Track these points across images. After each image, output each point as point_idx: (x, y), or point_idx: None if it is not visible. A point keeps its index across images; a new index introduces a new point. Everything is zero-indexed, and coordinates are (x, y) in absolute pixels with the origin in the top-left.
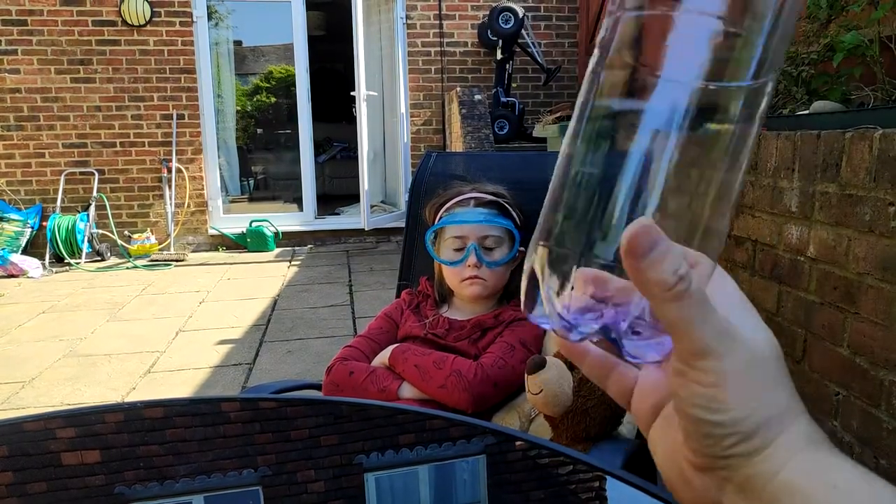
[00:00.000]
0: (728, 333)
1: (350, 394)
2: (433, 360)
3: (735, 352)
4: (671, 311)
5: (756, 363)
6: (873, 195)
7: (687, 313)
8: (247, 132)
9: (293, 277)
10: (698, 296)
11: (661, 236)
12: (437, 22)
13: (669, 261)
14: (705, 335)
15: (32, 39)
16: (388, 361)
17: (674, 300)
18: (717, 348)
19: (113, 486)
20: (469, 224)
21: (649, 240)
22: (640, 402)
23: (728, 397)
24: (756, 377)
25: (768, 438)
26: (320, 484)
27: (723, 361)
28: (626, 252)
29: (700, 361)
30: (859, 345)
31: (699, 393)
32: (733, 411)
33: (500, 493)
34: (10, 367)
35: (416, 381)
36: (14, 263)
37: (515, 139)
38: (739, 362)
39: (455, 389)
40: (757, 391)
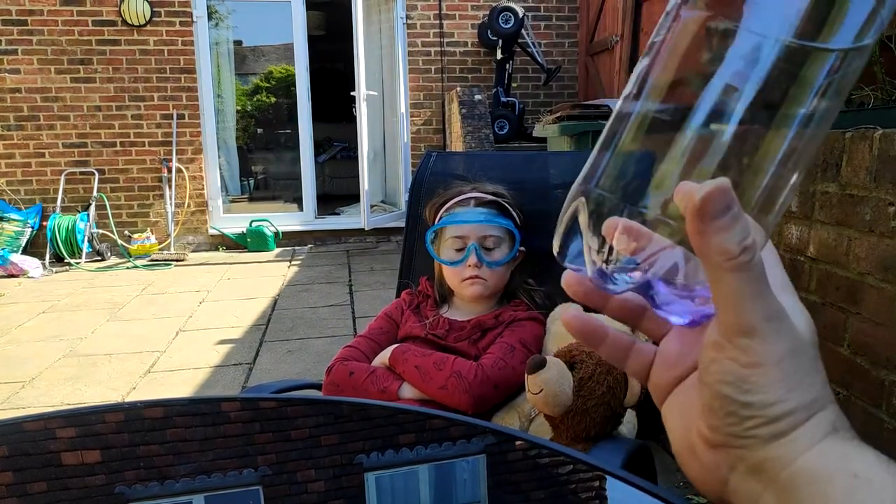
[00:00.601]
0: (778, 316)
1: (350, 394)
2: (433, 361)
3: (781, 337)
4: (727, 282)
5: (796, 351)
6: (874, 195)
7: (743, 287)
8: (247, 132)
9: (293, 277)
10: (758, 271)
11: (735, 201)
12: (437, 22)
13: (738, 229)
14: (756, 314)
15: (32, 39)
16: (389, 362)
17: (733, 270)
18: (764, 330)
19: (113, 486)
20: (469, 224)
21: (725, 202)
22: (659, 375)
23: (762, 381)
24: (794, 366)
25: (793, 425)
26: (320, 484)
27: (766, 344)
28: (697, 211)
29: (743, 339)
30: (860, 345)
31: (732, 371)
32: (764, 395)
33: (500, 493)
34: (10, 367)
35: (416, 381)
36: (14, 263)
37: (515, 139)
38: (782, 349)
39: (455, 391)
40: (792, 379)
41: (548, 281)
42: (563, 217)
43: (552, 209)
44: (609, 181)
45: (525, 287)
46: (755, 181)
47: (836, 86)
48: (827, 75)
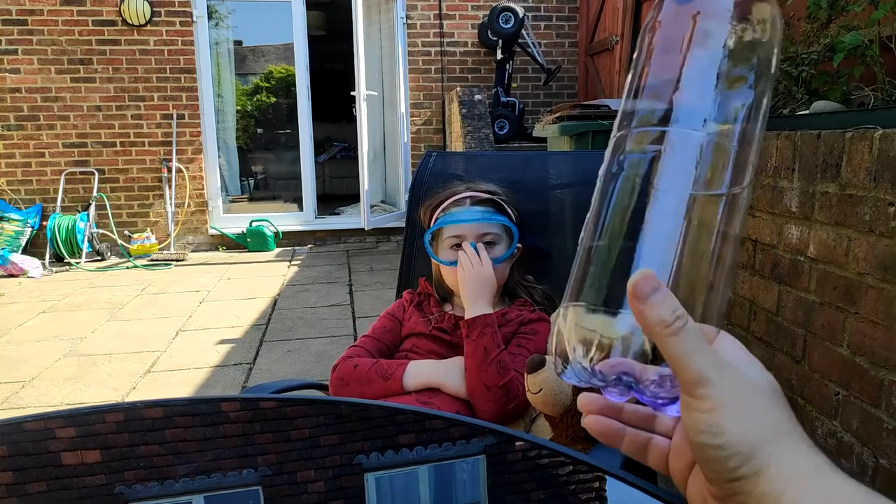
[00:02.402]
0: (721, 365)
1: (355, 387)
2: (500, 360)
3: (728, 379)
4: (671, 345)
5: (749, 391)
6: (873, 195)
7: (685, 346)
8: (247, 132)
9: (293, 277)
10: (693, 332)
11: (660, 283)
12: (437, 22)
13: (668, 303)
14: (701, 365)
15: (32, 39)
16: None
17: (672, 335)
18: (711, 376)
19: (113, 486)
20: (466, 223)
21: (650, 285)
22: (675, 463)
23: (724, 420)
24: (749, 403)
25: (767, 458)
26: (320, 484)
27: (717, 388)
28: (631, 295)
29: (698, 389)
30: (859, 345)
31: (700, 419)
32: (729, 433)
33: (500, 493)
34: (10, 367)
35: (476, 360)
36: (14, 263)
37: (515, 139)
38: (732, 388)
39: (493, 400)
40: (750, 415)
41: (546, 279)
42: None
43: (552, 209)
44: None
45: (524, 284)
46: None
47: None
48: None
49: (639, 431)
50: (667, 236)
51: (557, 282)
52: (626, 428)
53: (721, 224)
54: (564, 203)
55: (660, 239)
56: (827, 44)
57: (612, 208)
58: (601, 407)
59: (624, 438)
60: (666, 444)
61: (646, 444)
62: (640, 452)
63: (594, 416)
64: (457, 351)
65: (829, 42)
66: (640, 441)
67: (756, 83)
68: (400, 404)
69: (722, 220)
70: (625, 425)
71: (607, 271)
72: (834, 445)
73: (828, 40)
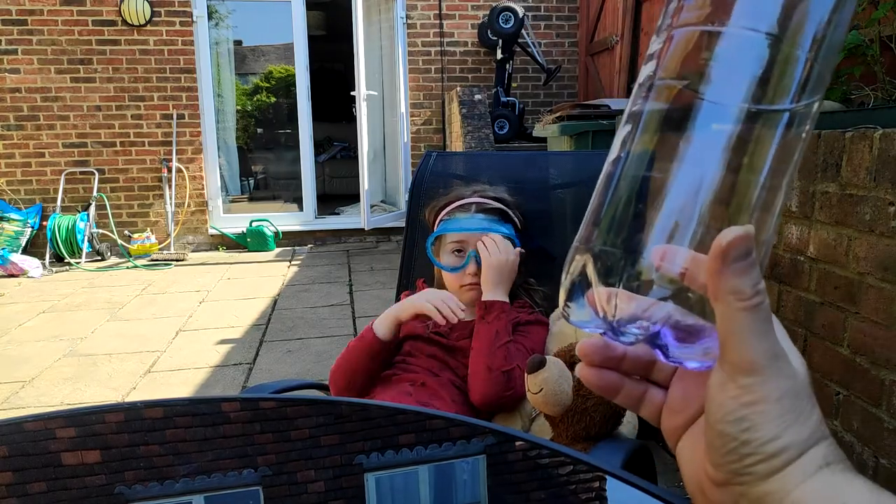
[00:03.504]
0: (780, 356)
1: (343, 365)
2: (508, 347)
3: (780, 377)
4: (738, 321)
5: (794, 391)
6: (873, 195)
7: (752, 327)
8: (247, 132)
9: (293, 277)
10: (766, 314)
11: (753, 248)
12: (437, 21)
13: (753, 274)
14: (761, 353)
15: (32, 39)
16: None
17: (745, 311)
18: (766, 368)
19: (113, 486)
20: (469, 231)
21: (746, 248)
22: (669, 419)
23: (761, 419)
24: (791, 404)
25: (787, 461)
26: (320, 484)
27: (768, 382)
28: (720, 254)
29: (745, 378)
30: (860, 344)
31: (733, 409)
32: (762, 432)
33: (500, 493)
34: (10, 367)
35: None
36: (14, 263)
37: (515, 139)
38: (782, 388)
39: (493, 383)
40: (788, 417)
41: (547, 281)
42: (567, 275)
43: (552, 209)
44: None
45: (525, 287)
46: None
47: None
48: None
49: (636, 383)
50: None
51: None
52: (624, 381)
53: (776, 152)
54: (565, 203)
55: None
56: None
57: (642, 128)
58: (604, 358)
59: (620, 390)
60: (661, 397)
61: (641, 396)
62: (634, 405)
63: (593, 370)
64: (455, 354)
65: None
66: (636, 394)
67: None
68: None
69: (779, 148)
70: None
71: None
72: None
73: None
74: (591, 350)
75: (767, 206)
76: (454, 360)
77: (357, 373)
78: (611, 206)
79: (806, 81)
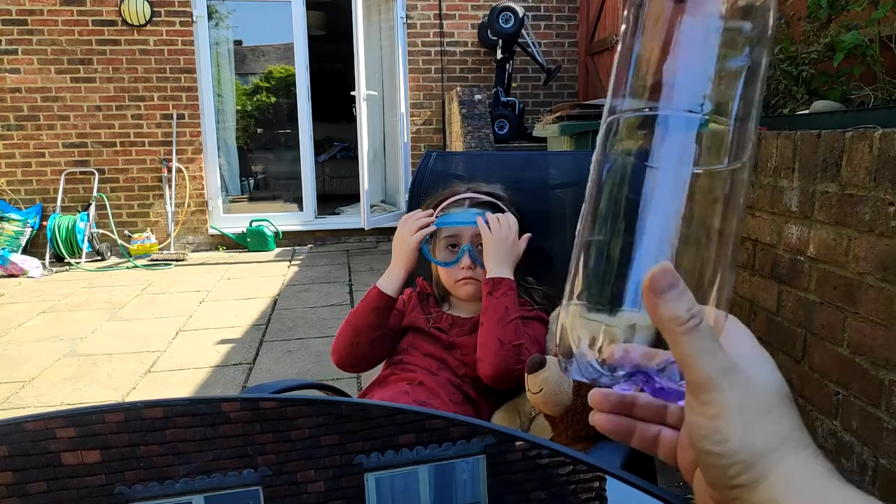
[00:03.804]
0: (731, 370)
1: (345, 328)
2: (518, 323)
3: (736, 386)
4: (682, 344)
5: (755, 397)
6: (873, 195)
7: (696, 347)
8: (247, 132)
9: (293, 277)
10: (707, 332)
11: (678, 279)
12: (437, 21)
13: (684, 300)
14: (710, 368)
15: (32, 39)
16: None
17: (685, 334)
18: (719, 381)
19: (113, 487)
20: (461, 225)
21: (668, 280)
22: (682, 457)
23: (727, 428)
24: (754, 411)
25: (768, 468)
26: (320, 484)
27: (724, 394)
28: (647, 289)
29: (704, 394)
30: (859, 344)
31: (703, 425)
32: (731, 442)
33: (500, 493)
34: (10, 366)
35: (496, 315)
36: (14, 263)
37: (515, 139)
38: (739, 396)
39: (504, 356)
40: (754, 423)
41: (546, 280)
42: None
43: (552, 209)
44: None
45: (524, 285)
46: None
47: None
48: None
49: (648, 425)
50: (668, 218)
51: (558, 283)
52: (636, 423)
53: (724, 201)
54: (565, 203)
55: (661, 222)
56: (827, 43)
57: (607, 198)
58: (614, 404)
59: (634, 433)
60: (675, 437)
61: (655, 437)
62: (650, 446)
63: (604, 416)
64: (453, 351)
65: (829, 41)
66: (650, 435)
67: (751, 51)
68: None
69: (724, 198)
70: (634, 420)
71: (608, 265)
72: (834, 445)
73: (828, 40)
74: (600, 398)
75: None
76: (453, 359)
77: (361, 332)
78: (586, 266)
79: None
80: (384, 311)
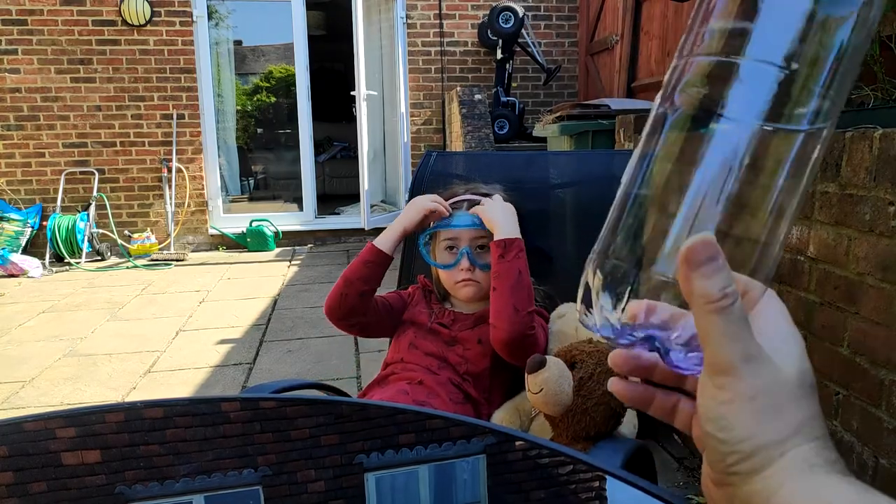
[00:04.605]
0: (754, 357)
1: (339, 280)
2: (530, 286)
3: (756, 376)
4: (709, 323)
5: (773, 389)
6: (873, 195)
7: (722, 329)
8: (247, 132)
9: (293, 277)
10: (737, 315)
11: (718, 252)
12: (437, 21)
13: (719, 277)
14: (734, 353)
15: (32, 39)
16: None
17: (714, 313)
18: (740, 369)
19: (113, 486)
20: (459, 228)
21: (707, 253)
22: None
23: (736, 417)
24: (767, 403)
25: (767, 460)
26: (320, 484)
27: (742, 383)
28: (683, 260)
29: (721, 378)
30: (859, 344)
31: (712, 407)
32: (736, 431)
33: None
34: (10, 366)
35: (508, 280)
36: (14, 263)
37: (515, 139)
38: (756, 386)
39: (519, 323)
40: (764, 415)
41: (546, 280)
42: (583, 281)
43: (551, 209)
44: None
45: None
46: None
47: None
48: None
49: (667, 394)
50: (724, 178)
51: (558, 283)
52: (656, 391)
53: (789, 168)
54: (565, 203)
55: (715, 181)
56: None
57: (661, 149)
58: (633, 367)
59: (652, 402)
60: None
61: (673, 407)
62: (668, 416)
63: (625, 383)
64: (454, 347)
65: None
66: (668, 405)
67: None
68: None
69: (792, 164)
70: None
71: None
72: (834, 445)
73: None
74: (620, 360)
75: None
76: (454, 356)
77: (351, 284)
78: (627, 219)
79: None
80: (375, 265)
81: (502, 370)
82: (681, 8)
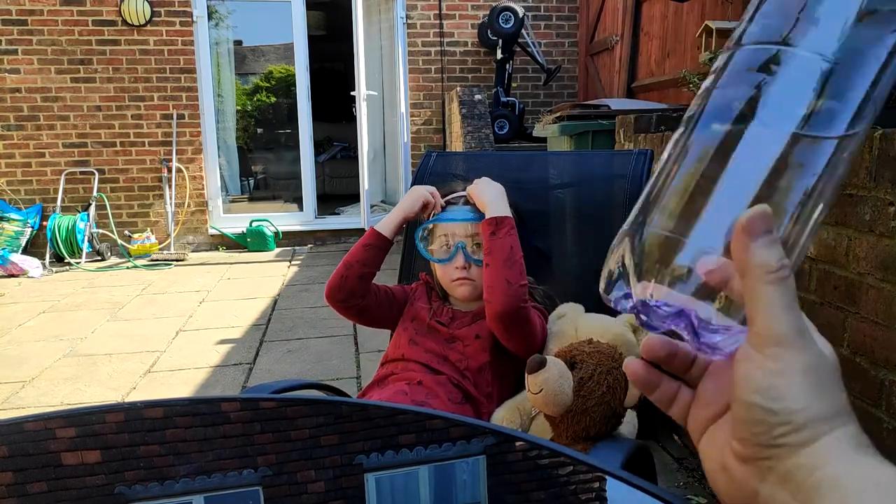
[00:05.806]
0: (805, 333)
1: (340, 263)
2: (523, 263)
3: (806, 349)
4: (766, 294)
5: (819, 367)
6: (873, 195)
7: (778, 299)
8: (247, 132)
9: (293, 277)
10: (792, 287)
11: (774, 226)
12: (437, 21)
13: (778, 248)
14: (787, 324)
15: (32, 39)
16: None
17: (771, 283)
18: (793, 339)
19: (113, 486)
20: (456, 222)
21: (767, 224)
22: (696, 414)
23: (788, 388)
24: (816, 378)
25: (817, 434)
26: (320, 484)
27: (793, 353)
28: (743, 229)
29: (772, 348)
30: (859, 344)
31: (761, 378)
32: (789, 401)
33: (500, 493)
34: (10, 366)
35: (502, 256)
36: (14, 263)
37: (515, 139)
38: (806, 360)
39: (512, 296)
40: (815, 390)
41: (546, 280)
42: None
43: (551, 209)
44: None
45: None
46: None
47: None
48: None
49: (672, 382)
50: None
51: (557, 283)
52: (662, 377)
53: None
54: (565, 203)
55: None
56: None
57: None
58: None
59: (657, 387)
60: (689, 397)
61: (673, 395)
62: (667, 402)
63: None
64: (454, 345)
65: None
66: (670, 392)
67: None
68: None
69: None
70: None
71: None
72: None
73: None
74: (658, 344)
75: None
76: (454, 353)
77: (351, 267)
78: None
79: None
80: (375, 249)
81: (502, 363)
82: (681, 8)
